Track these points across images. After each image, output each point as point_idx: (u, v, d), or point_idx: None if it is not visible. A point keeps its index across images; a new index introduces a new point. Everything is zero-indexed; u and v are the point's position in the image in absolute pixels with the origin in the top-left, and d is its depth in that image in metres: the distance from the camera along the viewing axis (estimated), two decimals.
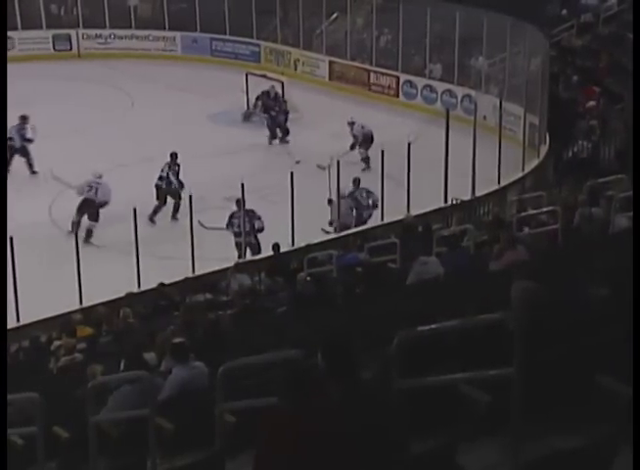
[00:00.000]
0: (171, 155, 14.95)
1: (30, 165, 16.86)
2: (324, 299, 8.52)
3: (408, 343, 4.12)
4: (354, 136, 16.83)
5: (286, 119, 18.62)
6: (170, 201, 14.73)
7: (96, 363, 7.52)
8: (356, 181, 14.14)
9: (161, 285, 11.05)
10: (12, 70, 22.84)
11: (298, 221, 13.10)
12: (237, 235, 13.25)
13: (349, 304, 8.38)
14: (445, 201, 14.31)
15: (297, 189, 13.07)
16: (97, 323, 9.47)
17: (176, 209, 14.56)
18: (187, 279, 11.76)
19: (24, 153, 16.91)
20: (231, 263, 11.59)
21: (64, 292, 11.21)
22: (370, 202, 13.94)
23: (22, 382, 7.59)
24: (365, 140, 16.85)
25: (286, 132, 18.40)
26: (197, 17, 24.28)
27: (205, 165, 15.88)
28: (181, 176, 14.92)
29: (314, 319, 7.48)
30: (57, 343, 8.76)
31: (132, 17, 24.83)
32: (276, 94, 19.31)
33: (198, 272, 12.30)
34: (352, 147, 16.91)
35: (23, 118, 17.02)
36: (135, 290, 11.47)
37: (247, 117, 19.69)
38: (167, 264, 12.66)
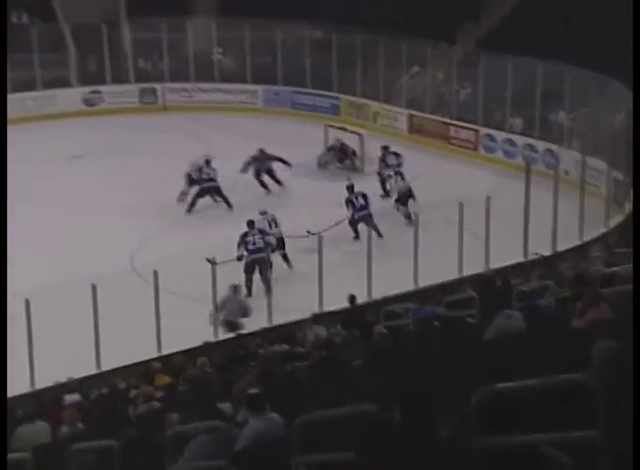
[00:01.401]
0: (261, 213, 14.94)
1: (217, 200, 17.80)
2: (401, 352, 8.45)
3: (487, 400, 4.04)
4: (351, 202, 15.90)
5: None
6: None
7: (173, 412, 7.58)
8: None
9: (238, 335, 11.11)
10: (100, 122, 23.66)
11: (375, 273, 13.08)
12: (251, 252, 13.61)
13: (426, 358, 8.28)
14: (525, 256, 14.12)
15: (375, 241, 13.08)
16: (175, 372, 9.54)
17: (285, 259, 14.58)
18: (264, 329, 11.80)
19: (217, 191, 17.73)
20: (308, 314, 11.60)
21: (143, 340, 11.35)
22: None
23: (101, 429, 7.70)
24: (403, 196, 16.75)
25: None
26: (278, 70, 24.76)
27: (283, 215, 16.03)
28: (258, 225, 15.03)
29: (391, 373, 7.41)
30: (135, 391, 8.85)
31: (216, 70, 25.43)
32: (342, 146, 19.64)
33: (274, 323, 12.34)
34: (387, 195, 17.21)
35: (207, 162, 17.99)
36: (212, 339, 11.56)
37: (322, 164, 19.92)
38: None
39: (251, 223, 14.14)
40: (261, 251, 13.71)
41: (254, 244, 13.73)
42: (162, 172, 19.28)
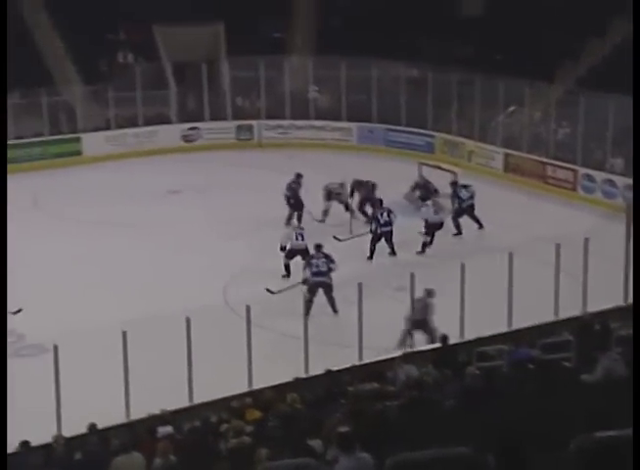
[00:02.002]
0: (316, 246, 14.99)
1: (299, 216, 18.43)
2: (494, 395, 8.28)
3: (587, 447, 3.91)
4: (375, 217, 16.76)
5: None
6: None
7: (263, 447, 7.58)
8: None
9: (329, 372, 11.07)
10: (198, 158, 24.16)
11: (468, 313, 12.89)
12: (315, 275, 14.21)
13: (521, 401, 8.09)
14: (625, 299, 13.70)
15: (469, 280, 12.91)
16: (265, 407, 9.55)
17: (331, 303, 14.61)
18: (354, 367, 11.73)
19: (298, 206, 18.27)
20: (398, 353, 11.49)
21: (234, 374, 11.41)
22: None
23: (192, 462, 7.75)
24: (432, 226, 17.03)
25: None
26: (373, 108, 24.88)
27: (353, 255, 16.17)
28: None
29: (484, 415, 7.26)
30: (226, 425, 8.88)
31: (311, 108, 25.71)
32: (425, 184, 19.56)
33: (365, 360, 12.25)
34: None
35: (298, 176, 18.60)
36: (303, 375, 11.54)
37: (410, 201, 19.85)
38: (335, 351, 12.70)
39: (318, 247, 14.64)
40: (324, 274, 14.20)
41: (318, 267, 14.26)
42: (257, 208, 19.52)
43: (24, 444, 8.99)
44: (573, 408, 6.62)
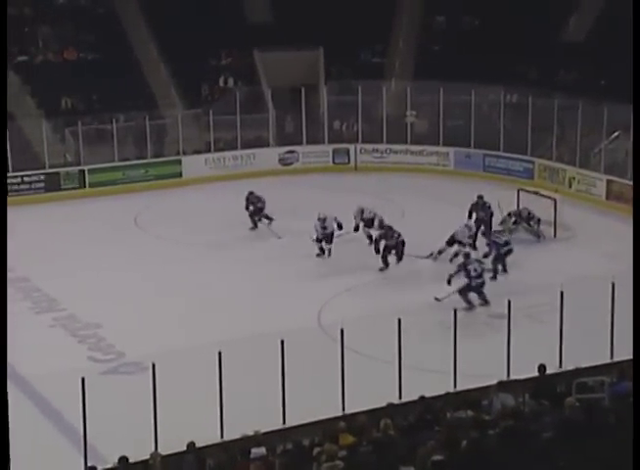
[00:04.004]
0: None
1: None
2: (594, 428, 8.04)
3: None
4: (465, 268, 16.04)
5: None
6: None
7: None
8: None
9: (422, 398, 10.94)
10: (294, 181, 24.39)
11: (567, 343, 12.59)
12: (474, 278, 15.64)
13: (623, 436, 7.83)
14: None
15: (568, 310, 12.62)
16: (358, 432, 9.50)
17: None
18: (448, 394, 11.57)
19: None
20: (494, 381, 11.28)
21: (327, 397, 11.40)
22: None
23: None
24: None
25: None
26: (471, 133, 24.69)
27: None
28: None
29: (583, 449, 7.07)
30: (319, 448, 8.86)
31: (408, 132, 25.68)
32: (520, 212, 19.32)
33: (459, 387, 12.08)
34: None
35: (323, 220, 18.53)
36: (396, 401, 11.44)
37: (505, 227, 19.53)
38: (429, 377, 12.56)
39: (467, 255, 16.21)
40: (481, 276, 15.77)
41: (476, 270, 15.73)
42: (351, 230, 19.59)
43: (123, 459, 9.16)
44: None
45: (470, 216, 18.96)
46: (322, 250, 18.32)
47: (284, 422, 11.07)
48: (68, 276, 17.38)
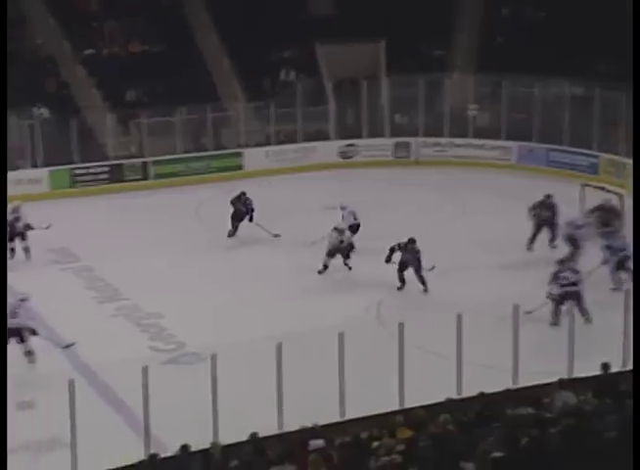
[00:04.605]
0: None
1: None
2: None
3: None
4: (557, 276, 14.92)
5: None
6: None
7: (413, 467, 7.52)
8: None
9: (482, 394, 10.86)
10: (354, 174, 24.36)
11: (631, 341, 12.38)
12: (564, 286, 14.57)
13: None
14: None
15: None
16: (417, 426, 9.48)
17: None
18: (508, 390, 11.47)
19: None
20: (555, 378, 11.15)
21: (386, 391, 11.39)
22: None
23: None
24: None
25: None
26: (534, 127, 24.36)
27: (528, 279, 15.72)
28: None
29: None
30: (377, 442, 8.87)
31: (470, 126, 25.45)
32: (612, 208, 18.59)
33: (519, 384, 11.97)
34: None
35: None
36: (455, 396, 11.39)
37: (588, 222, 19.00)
38: (488, 373, 12.47)
39: (561, 262, 15.12)
40: (575, 285, 14.66)
41: (568, 279, 14.67)
42: (410, 226, 19.50)
43: (184, 447, 9.27)
44: None
45: (534, 216, 18.40)
46: (325, 266, 17.26)
47: (342, 415, 11.09)
48: (131, 266, 17.61)
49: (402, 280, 16.31)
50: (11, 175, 22.73)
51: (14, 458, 9.37)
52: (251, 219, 19.26)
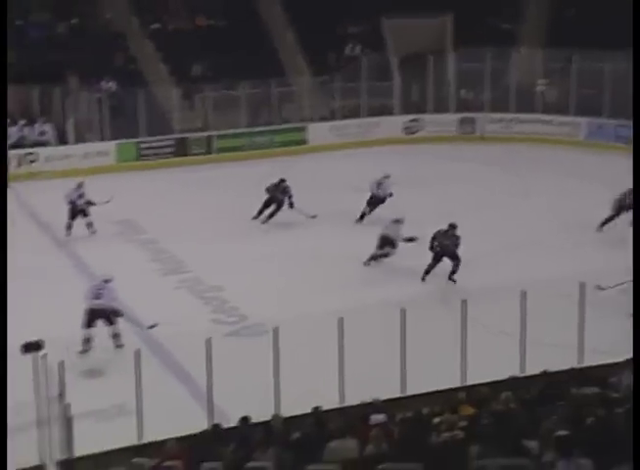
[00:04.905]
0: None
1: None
2: None
3: None
4: None
5: None
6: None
7: (475, 444, 7.47)
8: None
9: (545, 373, 10.73)
10: (418, 149, 24.18)
11: None
12: None
13: None
14: None
15: None
16: (479, 403, 9.41)
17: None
18: (573, 369, 11.31)
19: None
20: (621, 358, 10.96)
21: (447, 368, 11.33)
22: None
23: (404, 451, 7.76)
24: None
25: None
26: (604, 102, 23.86)
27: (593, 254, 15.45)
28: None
29: None
30: (439, 418, 8.83)
31: (538, 102, 25.02)
32: None
33: (585, 364, 11.79)
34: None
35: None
36: (518, 374, 11.27)
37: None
38: (553, 352, 12.30)
39: None
40: None
41: None
42: (472, 201, 19.30)
43: (244, 419, 9.35)
44: None
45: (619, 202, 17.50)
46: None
47: (403, 391, 11.07)
48: (194, 239, 17.78)
49: (427, 272, 15.50)
50: (79, 148, 23.13)
51: (80, 424, 9.55)
52: (291, 205, 18.81)
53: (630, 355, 11.18)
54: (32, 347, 9.33)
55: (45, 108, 23.13)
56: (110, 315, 13.19)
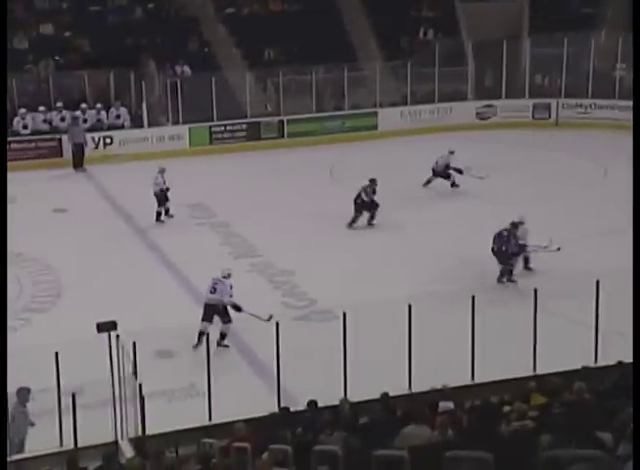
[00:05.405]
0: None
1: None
2: None
3: None
4: None
5: None
6: None
7: (546, 434, 7.33)
8: None
9: (620, 363, 10.52)
10: (491, 135, 23.85)
11: None
12: None
13: None
14: None
15: None
16: (550, 393, 9.26)
17: None
18: None
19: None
20: None
21: (519, 357, 11.19)
22: None
23: (471, 439, 7.68)
24: None
25: None
26: None
27: None
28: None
29: None
30: (509, 407, 8.72)
31: (616, 87, 24.45)
32: None
33: None
34: None
35: (372, 181, 17.72)
36: (592, 364, 11.08)
37: None
38: (627, 342, 12.05)
39: None
40: None
41: None
42: (542, 189, 19.01)
43: (312, 403, 9.38)
44: None
45: None
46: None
47: (472, 378, 10.97)
48: (265, 223, 17.87)
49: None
50: (153, 132, 23.39)
51: (152, 403, 9.70)
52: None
53: None
54: (106, 326, 9.50)
55: (120, 92, 23.45)
56: (224, 311, 12.98)
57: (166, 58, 24.03)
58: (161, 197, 18.17)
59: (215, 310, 12.95)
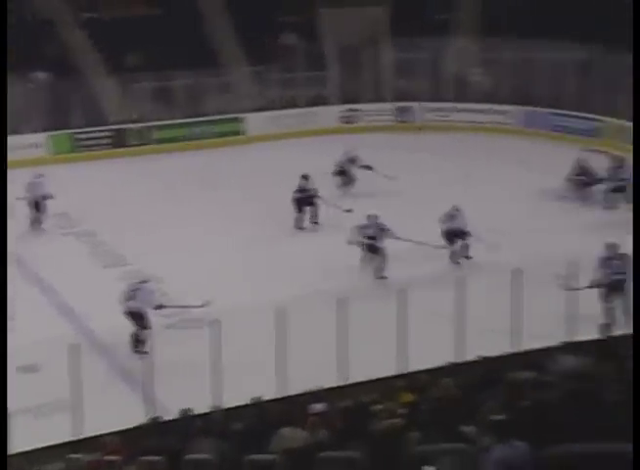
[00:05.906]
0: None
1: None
2: None
3: None
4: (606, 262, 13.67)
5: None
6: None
7: (415, 430, 7.52)
8: None
9: (483, 358, 10.86)
10: (356, 139, 24.20)
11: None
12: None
13: None
14: None
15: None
16: (418, 390, 9.48)
17: None
18: (509, 354, 11.46)
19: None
20: (555, 342, 11.14)
21: (387, 355, 11.40)
22: None
23: (342, 439, 7.80)
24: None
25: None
26: (538, 91, 24.20)
27: (529, 242, 15.70)
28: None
29: None
30: (379, 406, 8.87)
31: (474, 91, 25.28)
32: (587, 170, 18.81)
33: (521, 348, 11.96)
34: None
35: (305, 178, 17.92)
36: (457, 360, 11.38)
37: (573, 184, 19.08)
38: (490, 337, 12.45)
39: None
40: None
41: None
42: (413, 191, 19.44)
43: (185, 411, 9.31)
44: None
45: None
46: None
47: (344, 379, 11.11)
48: (133, 231, 17.59)
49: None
50: (12, 140, 22.63)
51: (17, 420, 9.41)
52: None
53: (566, 339, 11.44)
54: None
55: None
56: (145, 317, 12.77)
57: (24, 64, 23.31)
58: (42, 203, 17.86)
59: (136, 317, 12.74)
